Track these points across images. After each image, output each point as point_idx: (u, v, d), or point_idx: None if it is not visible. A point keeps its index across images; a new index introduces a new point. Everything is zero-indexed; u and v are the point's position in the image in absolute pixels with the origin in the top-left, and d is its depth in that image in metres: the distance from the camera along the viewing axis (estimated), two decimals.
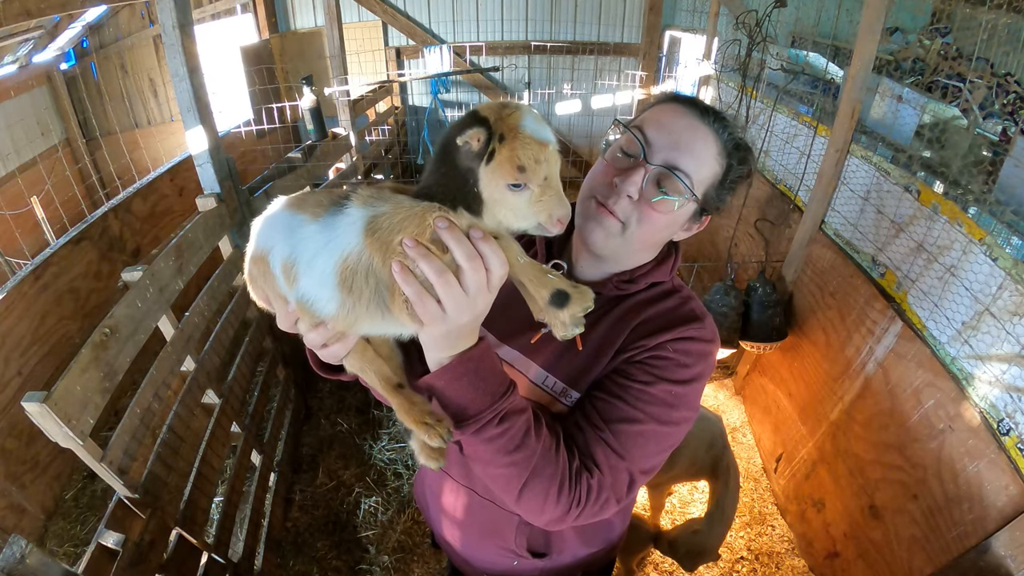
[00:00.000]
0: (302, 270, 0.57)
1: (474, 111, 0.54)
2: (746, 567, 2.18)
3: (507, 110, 0.54)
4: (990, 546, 1.36)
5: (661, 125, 0.75)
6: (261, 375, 2.45)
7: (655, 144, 0.74)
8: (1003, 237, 1.56)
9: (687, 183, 0.74)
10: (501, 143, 0.52)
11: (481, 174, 0.53)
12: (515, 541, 0.95)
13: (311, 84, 3.14)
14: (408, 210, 0.55)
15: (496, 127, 0.52)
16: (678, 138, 0.74)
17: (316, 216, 0.57)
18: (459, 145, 0.53)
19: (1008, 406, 1.41)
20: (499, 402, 0.65)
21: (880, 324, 1.88)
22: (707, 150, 0.75)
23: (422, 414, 0.65)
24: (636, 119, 0.80)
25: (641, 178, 0.73)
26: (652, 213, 0.75)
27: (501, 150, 0.52)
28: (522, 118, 0.53)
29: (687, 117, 0.75)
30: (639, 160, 0.75)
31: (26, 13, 1.58)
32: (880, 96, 2.39)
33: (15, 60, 4.34)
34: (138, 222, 3.08)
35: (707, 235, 3.73)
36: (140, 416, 1.44)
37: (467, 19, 5.42)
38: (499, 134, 0.52)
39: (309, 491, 2.48)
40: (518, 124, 0.52)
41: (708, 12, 3.72)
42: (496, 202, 0.55)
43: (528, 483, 0.68)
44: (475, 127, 0.52)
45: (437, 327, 0.58)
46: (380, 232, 0.54)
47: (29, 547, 0.95)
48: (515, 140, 0.52)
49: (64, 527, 2.35)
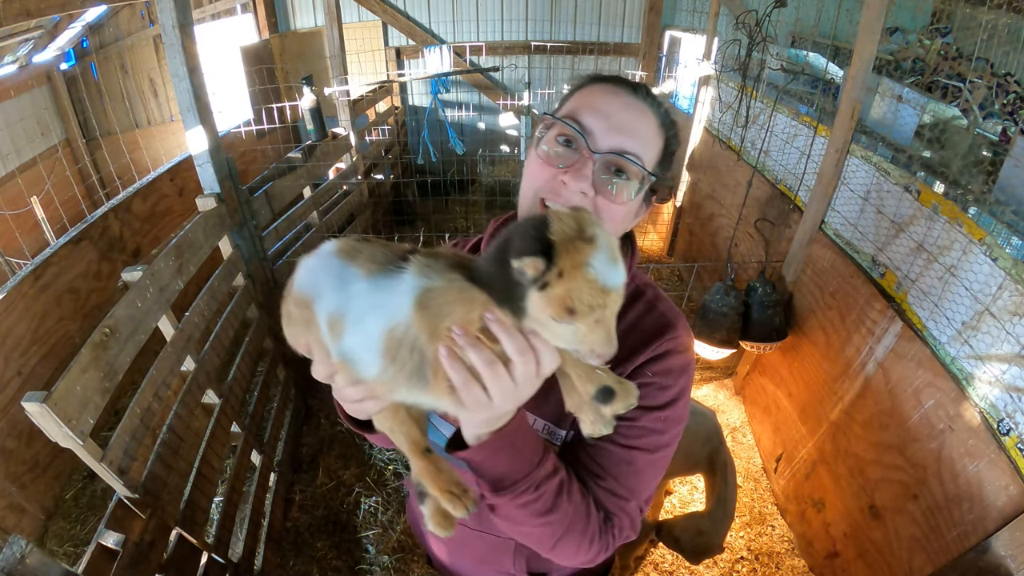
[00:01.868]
0: (348, 328, 0.55)
1: (544, 224, 0.48)
2: (746, 567, 2.18)
3: (581, 241, 0.47)
4: (990, 546, 1.36)
5: (596, 109, 0.69)
6: (261, 375, 2.45)
7: (595, 131, 0.68)
8: (1003, 237, 1.55)
9: (640, 163, 0.69)
10: (559, 279, 0.46)
11: (530, 296, 0.48)
12: (514, 565, 0.94)
13: (311, 84, 3.15)
14: (460, 293, 0.52)
15: (559, 259, 0.46)
16: (618, 120, 0.69)
17: (369, 273, 0.55)
18: (513, 263, 0.47)
19: (1008, 406, 1.41)
20: (536, 470, 0.65)
21: (880, 324, 1.88)
22: (649, 128, 0.71)
23: (449, 483, 0.63)
24: (563, 108, 0.73)
25: (590, 171, 0.68)
26: (610, 205, 0.70)
27: (556, 286, 0.46)
28: (592, 256, 0.46)
29: (621, 96, 0.70)
30: (582, 152, 0.69)
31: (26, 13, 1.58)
32: (880, 96, 2.39)
33: (15, 60, 4.34)
34: (138, 222, 3.08)
35: (707, 235, 3.73)
36: (140, 416, 1.44)
37: (467, 19, 5.42)
38: (559, 269, 0.46)
39: (309, 491, 2.48)
40: (584, 263, 0.46)
41: (708, 12, 3.72)
42: (538, 323, 0.50)
43: (561, 539, 0.69)
44: (535, 255, 0.46)
45: (481, 413, 0.57)
46: (430, 310, 0.51)
47: (29, 547, 0.95)
48: (574, 282, 0.46)
49: (64, 527, 2.35)
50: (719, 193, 3.54)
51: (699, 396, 3.03)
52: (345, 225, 3.57)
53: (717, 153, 3.59)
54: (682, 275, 4.14)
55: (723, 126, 3.49)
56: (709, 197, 3.73)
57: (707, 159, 3.80)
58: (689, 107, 4.31)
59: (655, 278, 4.22)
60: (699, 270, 3.69)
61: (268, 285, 2.49)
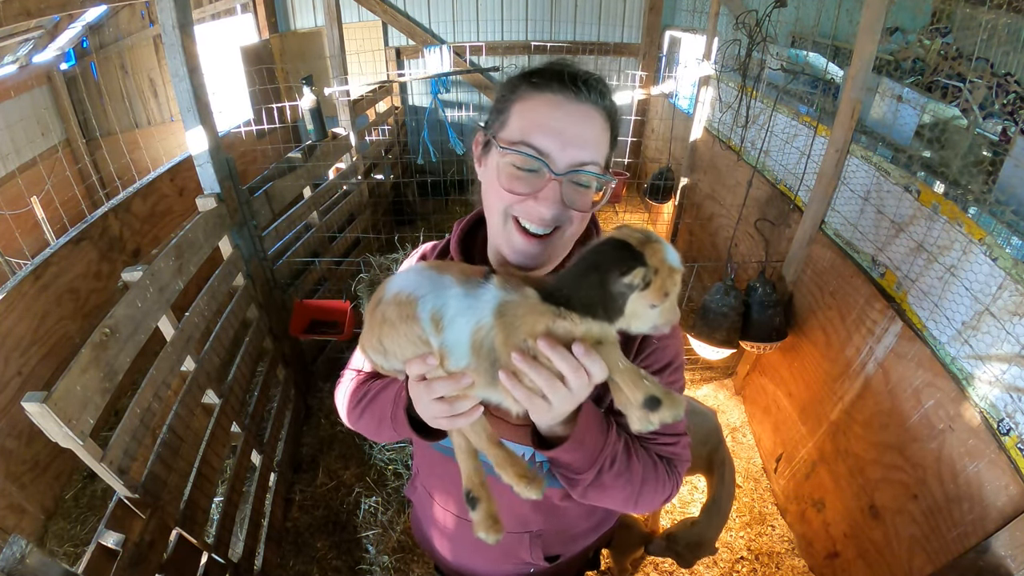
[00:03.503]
0: (447, 323, 0.64)
1: (626, 244, 0.61)
2: (746, 567, 2.18)
3: (652, 245, 0.61)
4: (990, 546, 1.36)
5: (547, 128, 0.70)
6: (261, 375, 2.45)
7: (552, 152, 0.70)
8: (1003, 237, 1.55)
9: (597, 171, 0.72)
10: (655, 275, 0.60)
11: (632, 297, 0.61)
12: (531, 555, 0.98)
13: (311, 84, 3.15)
14: (531, 308, 0.62)
15: (651, 263, 0.60)
16: (570, 135, 0.70)
17: (459, 282, 0.65)
18: (622, 279, 0.59)
19: (1008, 406, 1.41)
20: (606, 445, 0.75)
21: (880, 324, 1.88)
22: (597, 129, 0.72)
23: (523, 469, 0.72)
24: (508, 125, 0.73)
25: (557, 193, 0.71)
26: (577, 214, 0.74)
27: (655, 282, 0.60)
28: (665, 252, 0.61)
29: (565, 104, 0.71)
30: (545, 175, 0.71)
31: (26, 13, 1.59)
32: (880, 96, 2.39)
33: (15, 60, 4.34)
34: (138, 222, 3.08)
35: (707, 235, 3.73)
36: (140, 416, 1.44)
37: (467, 19, 5.42)
38: (654, 268, 0.60)
39: (309, 491, 2.48)
40: (664, 258, 0.61)
41: (708, 12, 3.72)
42: (635, 315, 0.63)
43: (642, 490, 0.80)
44: (638, 267, 0.59)
45: (543, 416, 0.66)
46: (505, 318, 0.62)
47: (29, 547, 0.95)
48: (665, 274, 0.61)
49: (64, 527, 2.35)
50: (719, 193, 3.54)
51: (699, 396, 3.03)
52: (345, 225, 3.57)
53: (717, 153, 3.58)
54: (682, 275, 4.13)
55: (723, 126, 3.49)
56: (709, 197, 3.73)
57: (707, 159, 3.80)
58: (689, 107, 4.31)
59: None
60: (699, 270, 3.69)
61: (268, 285, 2.49)
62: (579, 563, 1.14)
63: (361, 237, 3.75)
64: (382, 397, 0.87)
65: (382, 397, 0.87)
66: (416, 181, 5.09)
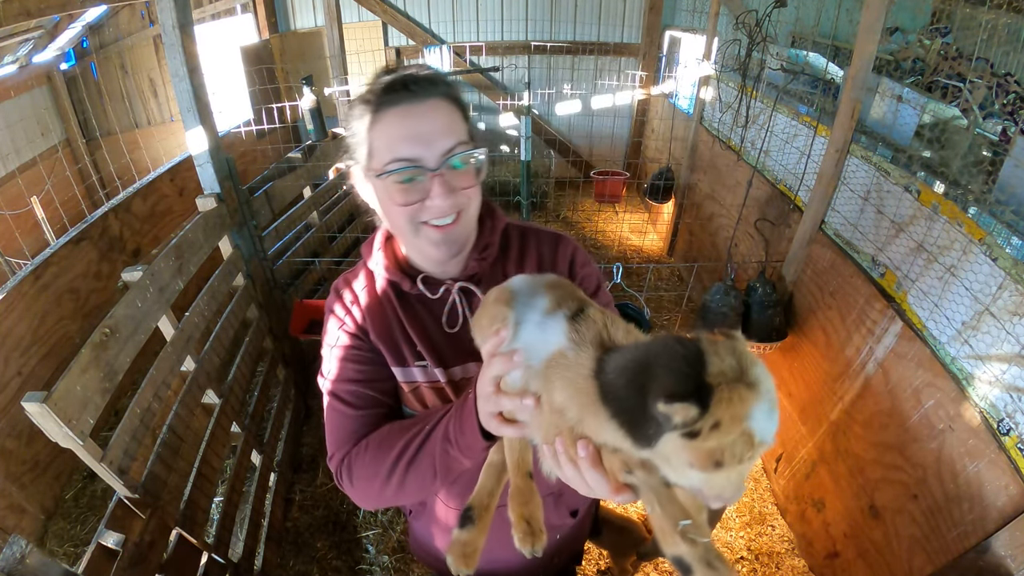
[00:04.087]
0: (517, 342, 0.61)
1: (702, 359, 0.43)
2: (746, 567, 2.18)
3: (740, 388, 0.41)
4: (990, 546, 1.36)
5: (406, 137, 0.74)
6: (261, 375, 2.45)
7: (420, 155, 0.74)
8: (1003, 237, 1.55)
9: (470, 149, 0.76)
10: (712, 431, 0.41)
11: (668, 437, 0.43)
12: (558, 515, 1.03)
13: (311, 84, 3.15)
14: (572, 380, 0.53)
15: (716, 407, 0.41)
16: (427, 131, 0.74)
17: (549, 307, 0.61)
18: (660, 405, 0.42)
19: (1008, 406, 1.41)
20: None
21: (880, 324, 1.88)
22: (445, 115, 0.75)
23: (529, 515, 0.65)
24: (372, 150, 0.76)
25: (444, 185, 0.75)
26: (470, 191, 0.79)
27: (709, 438, 0.41)
28: (753, 406, 0.41)
29: (409, 109, 0.74)
30: (428, 177, 0.75)
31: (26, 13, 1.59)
32: (880, 96, 2.39)
33: (15, 60, 4.34)
34: (138, 222, 3.08)
35: (707, 235, 3.73)
36: (140, 416, 1.44)
37: (467, 19, 5.42)
38: (716, 420, 0.41)
39: (309, 491, 2.48)
40: (744, 415, 0.41)
41: (708, 12, 3.72)
42: (666, 462, 0.46)
43: None
44: (688, 402, 0.41)
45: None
46: (548, 373, 0.56)
47: (29, 547, 0.95)
48: (731, 435, 0.41)
49: (64, 527, 2.35)
50: (719, 193, 3.54)
51: None
52: (345, 225, 3.56)
53: (717, 153, 3.58)
54: (682, 275, 4.14)
55: (723, 126, 3.49)
56: (709, 197, 3.73)
57: (707, 159, 3.80)
58: (689, 107, 4.31)
59: (655, 278, 4.22)
60: (699, 270, 3.69)
61: (268, 285, 2.49)
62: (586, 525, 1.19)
63: (361, 237, 3.75)
64: (432, 435, 0.79)
65: (432, 435, 0.79)
66: None
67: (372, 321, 0.87)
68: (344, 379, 0.87)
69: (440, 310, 0.88)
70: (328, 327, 0.91)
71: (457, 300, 0.88)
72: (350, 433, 0.86)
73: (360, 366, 0.87)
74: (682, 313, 3.70)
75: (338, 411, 0.87)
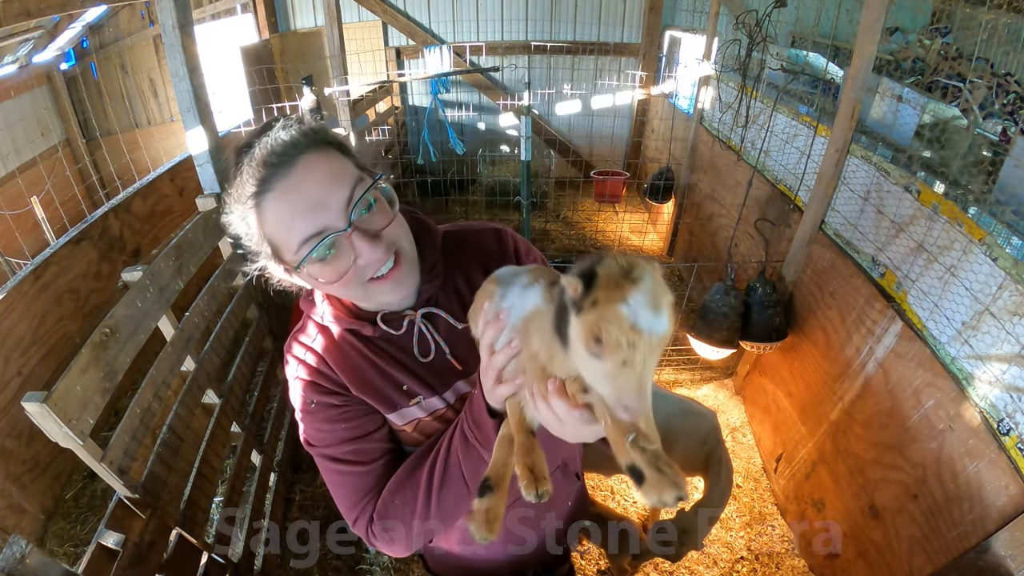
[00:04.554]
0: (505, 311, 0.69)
1: (601, 259, 0.50)
2: (746, 567, 2.18)
3: (625, 279, 0.47)
4: (990, 546, 1.36)
5: (298, 215, 0.67)
6: (261, 375, 2.45)
7: (324, 223, 0.67)
8: (1003, 237, 1.55)
9: (366, 186, 0.70)
10: (592, 307, 0.47)
11: (572, 321, 0.51)
12: (568, 484, 1.07)
13: (311, 84, 3.15)
14: (544, 327, 0.60)
15: (597, 288, 0.47)
16: (315, 194, 0.67)
17: (529, 280, 0.69)
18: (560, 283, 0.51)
19: (1008, 406, 1.41)
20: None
21: (880, 324, 1.88)
22: (324, 165, 0.69)
23: (534, 464, 0.66)
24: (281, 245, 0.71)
25: (365, 236, 0.70)
26: (392, 226, 0.74)
27: (588, 313, 0.48)
28: (630, 292, 0.46)
29: (285, 183, 0.67)
30: (342, 241, 0.69)
31: (26, 13, 1.59)
32: (880, 96, 2.39)
33: (15, 60, 4.35)
34: (138, 222, 3.08)
35: (707, 235, 3.73)
36: (140, 416, 1.44)
37: (467, 19, 5.42)
38: (595, 298, 0.47)
39: (309, 491, 2.48)
40: (620, 298, 0.46)
41: (708, 12, 3.72)
42: (575, 354, 0.52)
43: None
44: (579, 277, 0.48)
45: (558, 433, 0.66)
46: (527, 325, 0.64)
47: (29, 547, 0.95)
48: (605, 313, 0.47)
49: (64, 527, 2.35)
50: (719, 193, 3.54)
51: (699, 396, 3.03)
52: None
53: (717, 153, 3.59)
54: (682, 275, 4.14)
55: (723, 126, 3.49)
56: (709, 197, 3.73)
57: (707, 159, 3.80)
58: (689, 107, 4.31)
59: None
60: (699, 270, 3.69)
61: (268, 285, 2.49)
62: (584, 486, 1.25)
63: None
64: (452, 446, 0.78)
65: (452, 446, 0.78)
66: (416, 181, 5.09)
67: (347, 375, 0.82)
68: (339, 440, 0.82)
69: (408, 343, 0.84)
70: (298, 393, 0.84)
71: (423, 329, 0.83)
72: (367, 490, 0.82)
73: (352, 423, 0.82)
74: (682, 313, 3.70)
75: (344, 473, 0.83)
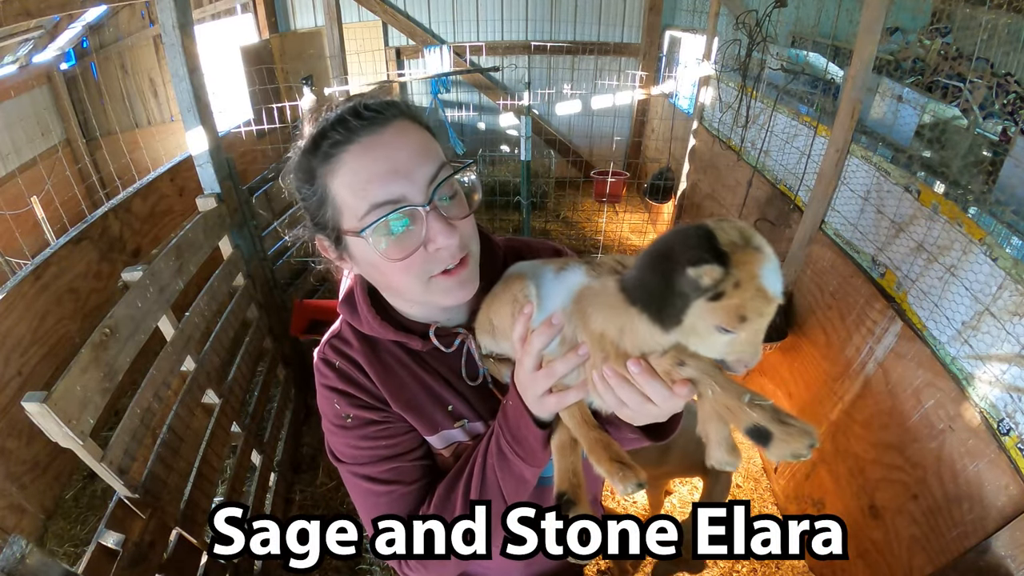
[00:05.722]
0: (539, 304, 0.64)
1: (712, 235, 0.48)
2: (746, 567, 2.18)
3: (750, 251, 0.47)
4: (990, 546, 1.36)
5: (379, 176, 0.60)
6: (261, 375, 2.45)
7: (403, 192, 0.60)
8: (1003, 237, 1.56)
9: (448, 170, 0.64)
10: (735, 289, 0.47)
11: (695, 306, 0.49)
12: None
13: (311, 84, 3.15)
14: (607, 298, 0.57)
15: (735, 269, 0.47)
16: (402, 160, 0.60)
17: (557, 267, 0.66)
18: (687, 272, 0.48)
19: (1008, 406, 1.41)
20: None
21: (880, 324, 1.88)
22: (415, 136, 0.63)
23: (618, 456, 0.62)
24: (348, 206, 0.62)
25: (443, 221, 0.62)
26: (469, 224, 0.67)
27: (732, 296, 0.47)
28: (763, 265, 0.47)
29: (371, 140, 0.60)
30: (419, 216, 0.61)
31: (26, 13, 1.59)
32: (880, 96, 2.39)
33: (15, 60, 4.35)
34: (138, 222, 3.08)
35: None
36: (140, 416, 1.44)
37: (467, 19, 5.42)
38: (736, 280, 0.47)
39: (309, 491, 2.48)
40: (758, 273, 0.47)
41: (708, 12, 3.72)
42: (694, 333, 0.51)
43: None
44: (712, 263, 0.46)
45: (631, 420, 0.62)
46: (581, 304, 0.60)
47: (29, 547, 0.95)
48: (750, 291, 0.47)
49: (64, 527, 2.35)
50: (719, 193, 3.54)
51: None
52: None
53: (717, 153, 3.58)
54: None
55: (723, 126, 3.49)
56: (709, 197, 3.73)
57: (707, 159, 3.80)
58: (689, 107, 4.31)
59: None
60: None
61: (268, 285, 2.49)
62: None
63: None
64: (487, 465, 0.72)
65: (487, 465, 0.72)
66: None
67: (389, 389, 0.75)
68: (377, 459, 0.76)
69: (457, 363, 0.76)
70: (331, 404, 0.79)
71: (472, 350, 0.76)
72: (408, 513, 0.76)
73: (392, 440, 0.76)
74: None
75: (380, 494, 0.76)
